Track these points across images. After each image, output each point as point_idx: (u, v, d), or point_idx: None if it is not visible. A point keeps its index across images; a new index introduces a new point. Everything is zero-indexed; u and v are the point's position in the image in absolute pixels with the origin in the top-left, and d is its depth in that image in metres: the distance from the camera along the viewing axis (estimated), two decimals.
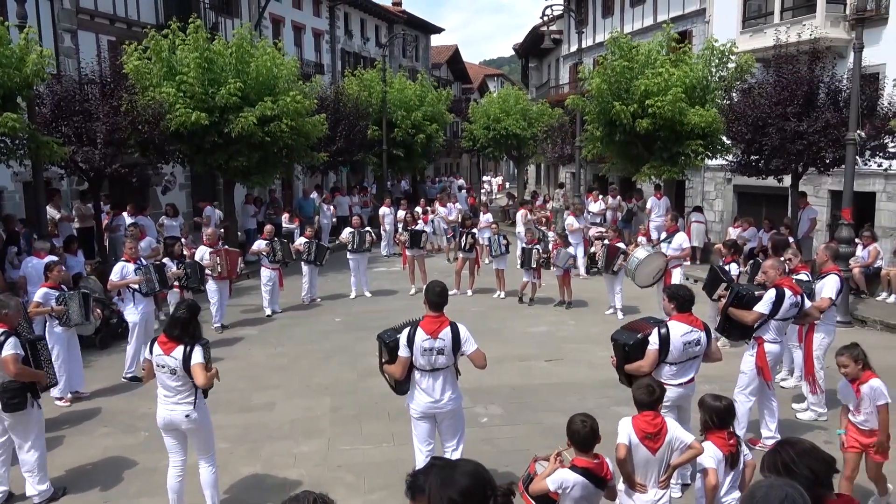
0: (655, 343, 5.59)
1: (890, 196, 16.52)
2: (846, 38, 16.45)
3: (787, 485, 2.29)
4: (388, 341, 5.53)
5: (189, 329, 5.39)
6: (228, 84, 15.02)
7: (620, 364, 5.83)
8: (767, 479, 2.47)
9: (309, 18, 30.08)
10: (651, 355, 5.61)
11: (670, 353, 5.60)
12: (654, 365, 5.63)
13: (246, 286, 15.56)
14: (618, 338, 5.90)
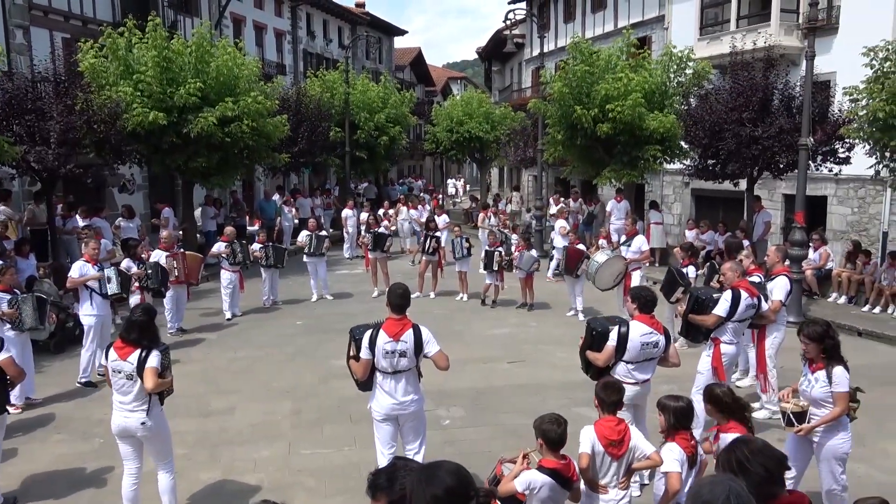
0: (614, 340, 5.70)
1: (840, 200, 17.02)
2: (799, 46, 16.91)
3: (729, 479, 2.35)
4: (357, 337, 5.50)
5: (147, 332, 5.29)
6: (188, 84, 14.77)
7: (584, 347, 5.98)
8: (709, 476, 2.53)
9: (271, 18, 29.80)
10: (607, 350, 5.71)
11: (628, 351, 5.69)
12: (608, 360, 5.72)
13: (205, 289, 15.32)
14: (592, 323, 6.06)
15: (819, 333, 5.14)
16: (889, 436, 7.38)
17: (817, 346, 5.15)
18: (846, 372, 5.09)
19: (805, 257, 13.33)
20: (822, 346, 5.13)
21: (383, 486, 2.68)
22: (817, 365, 5.19)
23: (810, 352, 5.22)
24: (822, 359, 5.16)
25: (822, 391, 5.09)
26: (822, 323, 5.28)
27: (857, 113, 11.45)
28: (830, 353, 5.15)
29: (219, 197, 21.56)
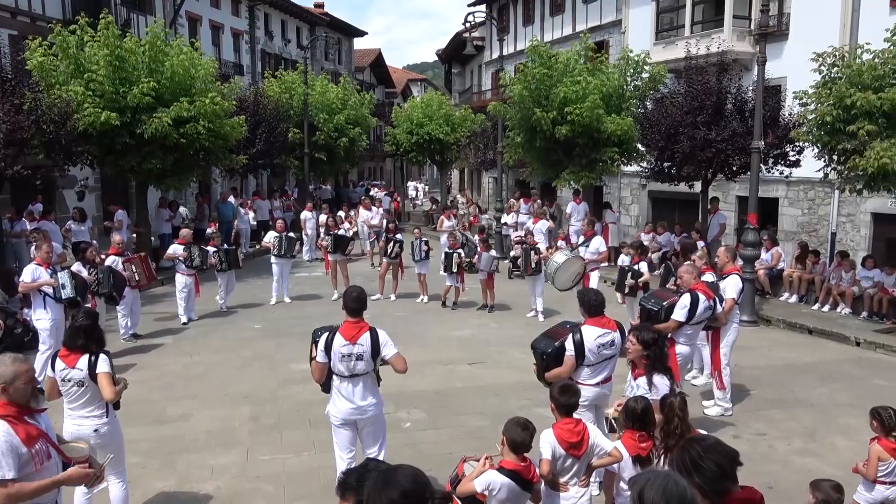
0: (571, 350, 5.71)
1: (791, 202, 17.49)
2: (751, 51, 17.32)
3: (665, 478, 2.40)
4: (317, 339, 5.44)
5: (93, 336, 5.15)
6: (141, 83, 14.46)
7: (540, 371, 5.90)
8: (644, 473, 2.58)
9: (227, 18, 29.39)
10: (569, 362, 5.72)
11: (587, 356, 5.73)
12: (572, 370, 5.75)
13: (160, 293, 15.01)
14: (537, 346, 5.98)
15: (649, 339, 5.18)
16: (838, 431, 7.59)
17: (643, 350, 5.18)
18: (666, 381, 5.12)
19: (758, 257, 13.65)
20: (647, 353, 5.16)
21: (352, 486, 2.71)
22: (639, 371, 5.22)
23: (633, 353, 5.23)
24: (643, 365, 5.19)
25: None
26: (653, 331, 5.33)
27: (807, 117, 11.76)
28: (653, 362, 5.17)
29: (174, 199, 21.14)
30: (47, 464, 3.89)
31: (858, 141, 10.61)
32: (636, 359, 5.23)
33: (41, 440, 3.85)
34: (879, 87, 10.60)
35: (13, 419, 3.74)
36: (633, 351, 5.22)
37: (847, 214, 16.14)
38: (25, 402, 3.83)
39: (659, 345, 5.19)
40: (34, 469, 3.78)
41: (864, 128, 10.45)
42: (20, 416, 3.78)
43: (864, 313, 12.66)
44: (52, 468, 3.92)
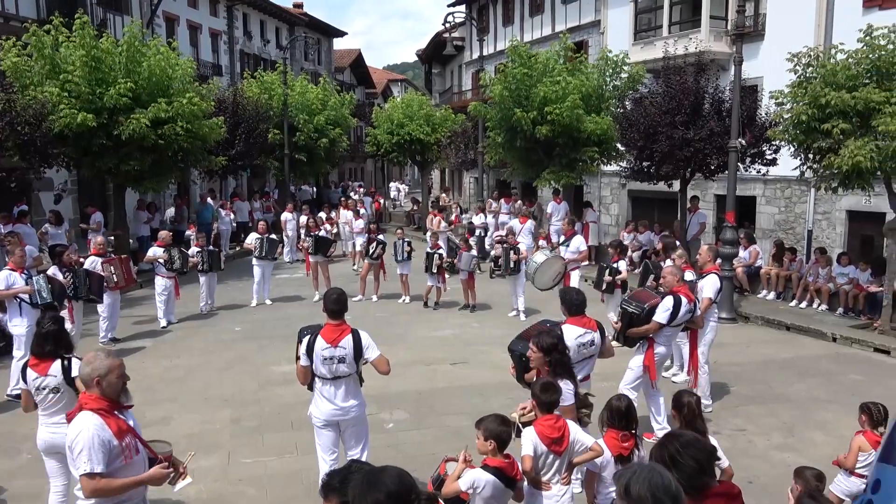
0: None
1: (768, 200, 17.70)
2: (728, 51, 17.50)
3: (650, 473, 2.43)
4: (303, 339, 5.42)
5: (62, 341, 5.09)
6: (118, 84, 14.30)
7: (519, 373, 5.89)
8: (628, 467, 2.61)
9: (205, 18, 29.16)
10: None
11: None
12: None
13: (139, 296, 14.86)
14: (514, 348, 5.96)
15: (548, 345, 5.06)
16: (816, 426, 7.69)
17: (543, 357, 5.07)
18: (571, 385, 5.05)
19: (736, 255, 13.80)
20: (548, 360, 5.06)
21: (336, 487, 2.71)
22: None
23: (535, 361, 5.13)
24: (546, 371, 5.07)
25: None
26: (554, 335, 5.18)
27: (783, 116, 11.90)
28: (555, 367, 5.05)
29: (153, 201, 20.95)
30: (136, 458, 3.96)
31: (833, 139, 10.75)
32: (538, 366, 5.12)
33: (130, 434, 3.93)
34: (853, 86, 10.75)
35: (105, 413, 3.84)
36: (535, 358, 5.11)
37: (823, 212, 16.37)
38: (116, 397, 3.94)
39: (559, 350, 5.06)
40: (124, 462, 3.86)
41: (838, 126, 10.60)
42: (111, 410, 3.89)
43: (839, 309, 12.85)
44: (140, 463, 4.00)
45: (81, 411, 3.81)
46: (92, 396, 3.85)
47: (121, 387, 3.99)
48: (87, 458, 3.68)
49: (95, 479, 3.69)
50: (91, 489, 3.72)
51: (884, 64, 10.70)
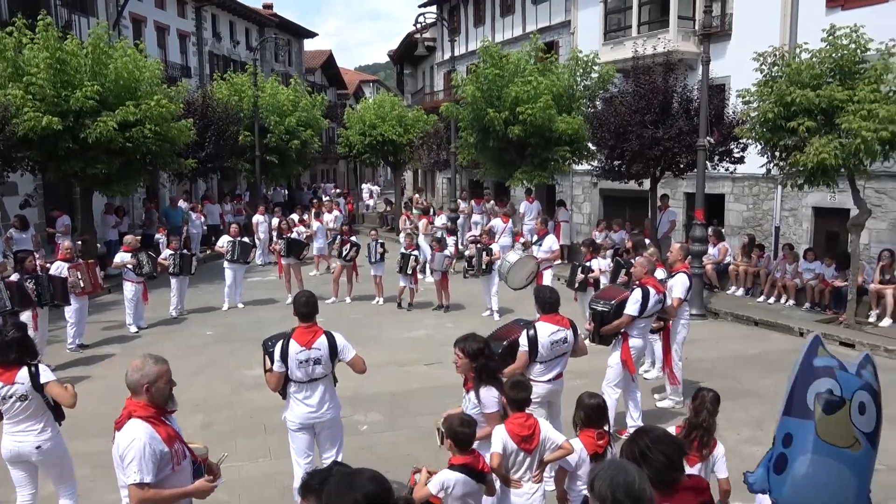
0: (525, 345, 5.79)
1: (737, 197, 17.95)
2: (696, 51, 17.71)
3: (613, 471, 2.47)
4: (269, 349, 5.37)
5: (27, 348, 4.99)
6: (84, 87, 14.07)
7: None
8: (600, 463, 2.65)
9: (173, 19, 28.79)
10: (522, 357, 5.80)
11: (540, 352, 5.81)
12: (525, 365, 5.82)
13: (107, 301, 14.63)
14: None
15: (474, 350, 4.84)
16: None
17: (470, 363, 4.84)
18: (494, 393, 4.80)
19: (705, 252, 13.99)
20: (475, 365, 4.84)
21: (315, 488, 2.68)
22: (469, 385, 4.95)
23: (462, 368, 4.92)
24: (471, 378, 4.90)
25: (474, 412, 4.79)
26: (480, 340, 4.96)
27: (750, 115, 12.09)
28: (481, 373, 4.85)
29: (121, 205, 20.64)
30: (184, 463, 3.90)
31: (798, 137, 10.95)
32: (464, 372, 4.94)
33: (177, 440, 3.88)
34: (817, 84, 10.96)
35: (154, 420, 3.78)
36: (461, 364, 4.90)
37: (790, 209, 16.65)
38: (164, 403, 3.87)
39: (485, 355, 4.86)
40: (172, 469, 3.78)
41: (803, 124, 10.80)
42: (159, 416, 3.82)
43: (806, 304, 13.09)
44: (188, 468, 3.96)
45: (131, 419, 3.73)
46: (140, 403, 3.76)
47: (168, 392, 3.92)
48: (138, 467, 3.61)
49: (145, 489, 3.63)
50: (139, 499, 3.65)
51: (846, 63, 10.93)
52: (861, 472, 3.00)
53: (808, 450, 2.97)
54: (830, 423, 2.97)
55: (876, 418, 3.06)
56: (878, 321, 11.85)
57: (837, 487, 2.94)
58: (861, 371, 3.13)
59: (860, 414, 3.00)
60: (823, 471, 2.93)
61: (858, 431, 2.98)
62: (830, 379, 3.05)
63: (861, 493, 3.00)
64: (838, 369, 3.10)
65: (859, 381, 3.07)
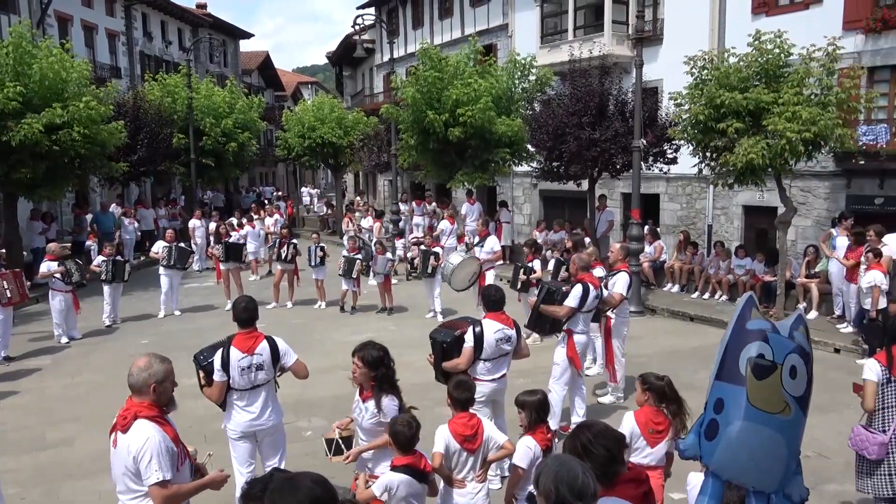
0: (471, 341, 5.83)
1: (671, 197, 18.48)
2: (630, 55, 18.13)
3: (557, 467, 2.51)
4: (204, 363, 5.23)
5: None
6: (6, 87, 13.46)
7: (438, 361, 5.97)
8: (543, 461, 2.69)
9: (101, 18, 27.85)
10: (467, 352, 5.83)
11: (484, 349, 5.86)
12: (470, 362, 5.85)
13: (33, 311, 14.04)
14: (436, 336, 6.05)
15: (374, 358, 4.69)
16: None
17: (369, 372, 4.69)
18: (395, 402, 4.70)
19: (642, 251, 14.34)
20: (375, 374, 4.69)
21: (257, 496, 2.60)
22: (367, 393, 4.77)
23: (360, 377, 4.74)
24: (371, 387, 4.73)
25: (372, 422, 4.70)
26: (379, 348, 4.79)
27: (682, 116, 12.45)
28: (381, 383, 4.70)
29: (48, 211, 19.82)
30: (186, 463, 3.84)
31: (728, 138, 11.34)
32: (363, 381, 4.76)
33: (179, 441, 3.85)
34: (745, 87, 11.38)
35: (160, 420, 3.74)
36: (360, 374, 4.73)
37: (721, 207, 17.23)
38: (167, 403, 3.84)
39: (385, 364, 4.71)
40: (177, 469, 3.71)
41: (732, 126, 11.19)
42: (163, 416, 3.79)
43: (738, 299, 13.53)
44: (187, 469, 3.91)
45: (137, 420, 3.65)
46: (145, 403, 3.71)
47: (171, 392, 3.88)
48: (158, 466, 3.56)
49: (167, 486, 3.58)
50: (164, 498, 3.58)
51: (771, 67, 11.39)
52: (792, 437, 3.00)
53: (739, 416, 2.94)
54: (761, 389, 2.94)
55: (807, 382, 3.03)
56: (804, 314, 12.36)
57: (769, 453, 2.93)
58: (794, 333, 3.08)
59: (791, 378, 2.96)
60: (755, 437, 2.91)
61: (789, 396, 2.95)
62: (762, 342, 2.98)
63: (792, 457, 3.01)
64: (770, 332, 3.03)
65: (791, 345, 3.02)
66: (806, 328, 3.17)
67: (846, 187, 14.60)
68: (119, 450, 3.70)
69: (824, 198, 14.94)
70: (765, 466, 2.95)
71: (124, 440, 3.68)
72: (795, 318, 3.17)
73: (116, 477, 3.78)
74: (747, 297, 3.23)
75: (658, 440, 4.71)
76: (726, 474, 3.02)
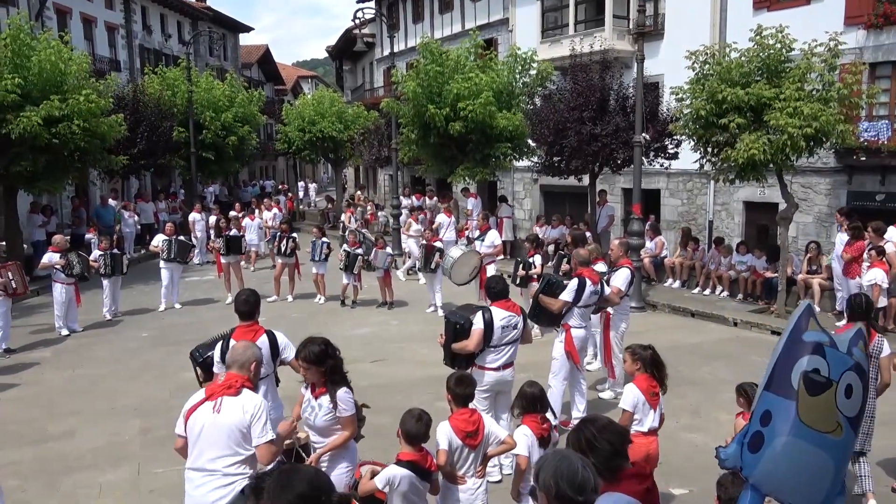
0: (480, 324, 5.88)
1: (672, 192, 18.45)
2: (631, 50, 18.06)
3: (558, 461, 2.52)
4: (200, 360, 5.23)
5: None
6: (4, 80, 13.40)
7: (448, 342, 6.01)
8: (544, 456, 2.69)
9: (101, 11, 27.74)
10: (476, 335, 5.86)
11: (493, 336, 5.86)
12: (479, 345, 5.87)
13: (35, 304, 14.03)
14: (450, 317, 6.13)
15: (318, 354, 4.45)
16: (721, 406, 8.07)
17: (318, 369, 4.46)
18: (350, 392, 4.57)
19: (643, 246, 14.33)
20: (323, 368, 4.47)
21: (263, 489, 2.69)
22: (320, 390, 4.54)
23: (312, 376, 4.52)
24: (323, 383, 4.51)
25: (327, 418, 4.50)
26: (319, 342, 4.52)
27: (683, 111, 12.43)
28: (332, 375, 4.51)
29: (48, 204, 19.80)
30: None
31: (729, 134, 11.32)
32: (315, 380, 4.54)
33: None
34: (746, 82, 11.35)
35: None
36: (310, 374, 4.51)
37: (722, 203, 17.21)
38: (256, 382, 4.29)
39: (330, 355, 4.49)
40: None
41: (734, 121, 11.16)
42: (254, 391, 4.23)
43: (739, 295, 13.56)
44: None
45: (244, 389, 4.05)
46: (244, 377, 4.09)
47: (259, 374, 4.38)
48: (271, 425, 4.02)
49: (274, 444, 4.01)
50: (273, 453, 4.00)
51: (772, 62, 11.36)
52: (840, 457, 2.83)
53: (786, 431, 2.76)
54: (814, 406, 2.75)
55: (861, 401, 2.86)
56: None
57: (814, 472, 2.77)
58: (853, 349, 2.88)
59: (846, 398, 2.78)
60: (801, 455, 2.74)
61: (842, 416, 2.77)
62: (819, 357, 2.78)
63: (837, 478, 2.84)
64: (828, 346, 2.83)
65: (849, 361, 2.83)
66: (865, 343, 2.99)
67: (847, 183, 14.57)
68: (228, 412, 3.94)
69: (825, 194, 14.92)
70: (808, 485, 2.81)
71: (236, 402, 3.98)
72: (855, 333, 2.98)
73: (215, 442, 3.95)
74: (805, 306, 3.02)
75: (657, 402, 5.09)
76: (766, 488, 2.89)
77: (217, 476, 3.94)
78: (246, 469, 3.97)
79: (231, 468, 3.95)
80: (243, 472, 3.94)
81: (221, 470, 3.95)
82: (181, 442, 4.18)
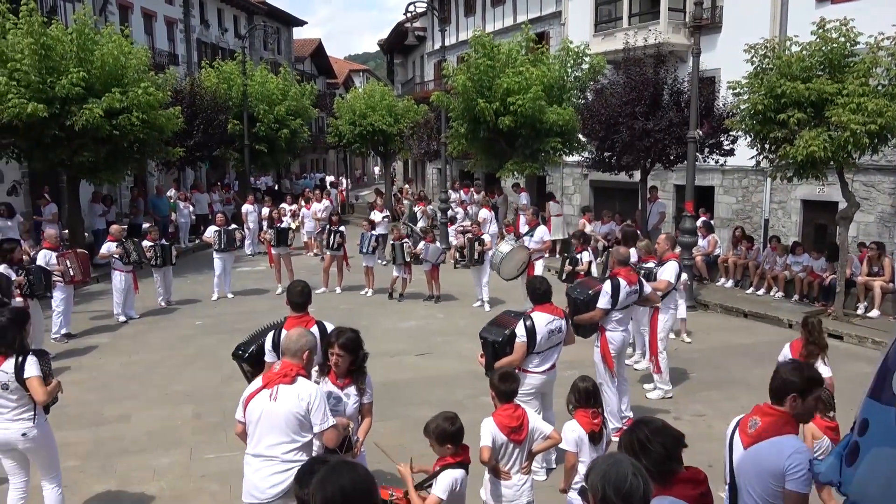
0: (523, 336, 5.77)
1: (726, 190, 18.02)
2: (686, 43, 17.71)
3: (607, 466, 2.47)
4: (245, 357, 5.33)
5: (8, 336, 4.89)
6: (70, 73, 13.87)
7: (490, 361, 5.88)
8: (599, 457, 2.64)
9: (161, 6, 28.48)
10: (520, 348, 5.77)
11: (538, 343, 5.79)
12: (524, 357, 5.80)
13: (95, 291, 14.51)
14: (486, 336, 5.97)
15: (355, 341, 4.49)
16: None
17: (351, 357, 4.46)
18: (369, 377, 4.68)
19: (695, 244, 14.03)
20: (354, 357, 4.49)
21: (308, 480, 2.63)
22: (346, 380, 4.55)
23: (342, 363, 4.48)
24: (350, 371, 4.53)
25: (355, 408, 4.56)
26: (355, 331, 4.56)
27: (740, 107, 12.10)
28: (362, 363, 4.58)
29: (108, 193, 20.45)
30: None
31: (788, 130, 10.97)
32: (343, 367, 4.51)
33: None
34: (807, 77, 10.98)
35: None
36: (343, 361, 4.48)
37: (779, 201, 16.73)
38: (309, 370, 4.37)
39: (361, 345, 4.53)
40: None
41: (793, 117, 10.81)
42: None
43: (794, 296, 13.17)
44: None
45: (299, 377, 4.15)
46: (298, 366, 4.18)
47: (313, 361, 4.46)
48: (330, 412, 4.14)
49: (337, 428, 4.13)
50: (338, 437, 4.16)
51: (835, 56, 10.95)
52: None
53: (885, 441, 2.57)
54: None
55: None
56: (865, 313, 11.94)
57: None
58: None
59: None
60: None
61: None
62: None
63: None
64: None
65: None
66: None
67: None
68: (285, 399, 4.04)
69: (889, 193, 14.35)
70: None
71: (293, 390, 4.07)
72: None
73: (273, 429, 4.07)
74: None
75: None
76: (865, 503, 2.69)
77: (276, 462, 4.07)
78: (303, 456, 4.06)
79: (289, 454, 4.06)
80: (301, 459, 4.01)
81: (280, 456, 4.08)
82: (241, 427, 4.29)
